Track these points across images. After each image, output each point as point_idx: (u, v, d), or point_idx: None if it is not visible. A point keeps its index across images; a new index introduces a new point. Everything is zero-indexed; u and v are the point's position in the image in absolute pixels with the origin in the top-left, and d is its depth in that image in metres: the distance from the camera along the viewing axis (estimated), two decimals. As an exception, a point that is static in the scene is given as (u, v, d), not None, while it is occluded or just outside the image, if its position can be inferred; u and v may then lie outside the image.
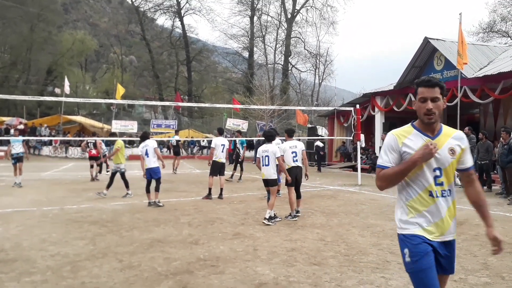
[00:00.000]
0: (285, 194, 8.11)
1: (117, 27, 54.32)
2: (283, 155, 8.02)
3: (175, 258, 5.30)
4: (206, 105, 27.82)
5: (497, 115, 18.57)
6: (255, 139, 19.24)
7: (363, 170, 16.44)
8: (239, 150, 15.27)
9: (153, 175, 9.52)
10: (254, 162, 13.32)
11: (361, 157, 17.14)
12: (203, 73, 51.47)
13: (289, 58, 47.90)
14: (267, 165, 7.63)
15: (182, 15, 48.60)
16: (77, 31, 52.29)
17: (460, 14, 14.55)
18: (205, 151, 31.81)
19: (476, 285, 4.36)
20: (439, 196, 2.47)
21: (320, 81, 48.46)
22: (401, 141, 2.51)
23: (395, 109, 19.57)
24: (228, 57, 51.57)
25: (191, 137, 32.32)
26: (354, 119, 14.96)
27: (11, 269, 4.82)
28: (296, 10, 47.55)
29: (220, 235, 6.50)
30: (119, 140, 11.02)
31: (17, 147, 13.05)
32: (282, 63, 48.07)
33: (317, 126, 27.79)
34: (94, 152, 15.04)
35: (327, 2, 46.38)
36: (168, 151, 30.54)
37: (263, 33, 48.12)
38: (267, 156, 7.65)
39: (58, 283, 4.39)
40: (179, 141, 20.01)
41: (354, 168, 18.68)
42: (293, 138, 8.53)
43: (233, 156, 16.01)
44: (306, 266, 4.99)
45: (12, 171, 13.19)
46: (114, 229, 6.95)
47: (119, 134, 27.22)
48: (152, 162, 9.52)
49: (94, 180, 14.69)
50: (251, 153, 23.17)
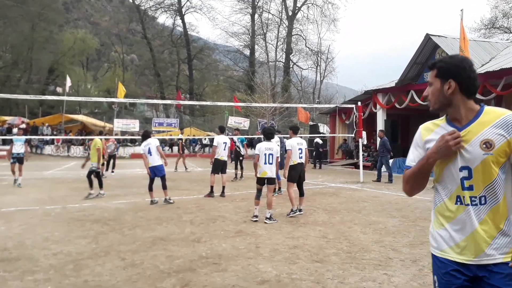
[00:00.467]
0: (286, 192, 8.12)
1: (118, 26, 54.33)
2: (291, 150, 8.00)
3: (178, 256, 5.30)
4: (208, 103, 27.87)
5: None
6: (256, 137, 19.22)
7: (365, 168, 16.42)
8: (239, 149, 15.28)
9: (158, 173, 9.52)
10: None
11: (363, 154, 17.13)
12: (204, 71, 51.50)
13: (290, 56, 47.92)
14: (271, 164, 7.53)
15: (183, 13, 48.68)
16: (78, 30, 52.27)
17: (462, 11, 14.52)
18: (207, 149, 31.84)
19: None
20: (469, 204, 1.90)
21: (322, 79, 48.51)
22: (425, 136, 2.06)
23: (397, 106, 19.54)
24: (229, 55, 51.63)
25: (193, 135, 32.34)
26: (356, 116, 14.97)
27: (14, 268, 4.83)
28: (297, 8, 47.53)
29: (222, 233, 6.50)
30: (97, 139, 10.77)
31: (19, 147, 12.82)
32: (283, 61, 48.10)
33: (319, 124, 27.78)
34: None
35: (328, 0, 46.40)
36: (170, 149, 30.63)
37: (264, 31, 48.15)
38: (271, 155, 7.55)
39: (61, 282, 4.40)
40: (181, 139, 20.05)
41: (356, 166, 18.69)
42: (297, 136, 8.51)
43: (232, 155, 15.95)
44: (308, 264, 4.99)
45: (10, 170, 12.84)
46: (117, 228, 6.96)
47: (121, 133, 27.55)
48: (156, 160, 9.53)
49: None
50: (253, 151, 23.15)
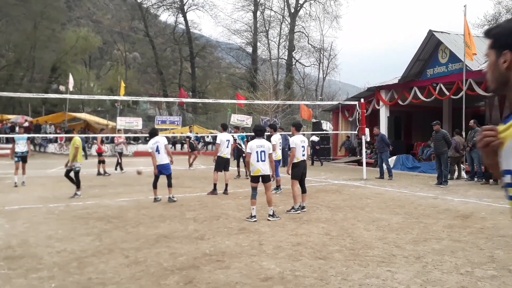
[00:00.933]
0: (288, 189, 8.12)
1: (120, 24, 54.28)
2: (295, 148, 8.04)
3: (181, 254, 5.31)
4: (210, 101, 27.75)
5: (503, 108, 18.42)
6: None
7: (368, 165, 16.39)
8: (241, 146, 15.26)
9: (165, 171, 9.59)
10: None
11: (366, 151, 17.09)
12: (207, 69, 51.46)
13: (293, 53, 47.82)
14: (264, 161, 7.44)
15: (185, 11, 48.60)
16: (81, 28, 52.30)
17: (465, 6, 14.48)
18: (210, 147, 31.84)
19: (483, 278, 4.35)
20: None
21: (324, 76, 48.40)
22: None
23: (400, 103, 19.47)
24: (232, 53, 51.55)
25: (196, 133, 32.35)
26: (359, 113, 14.91)
27: (19, 266, 4.85)
28: (300, 5, 47.38)
29: (226, 230, 6.51)
30: (77, 138, 10.52)
31: (22, 145, 12.57)
32: (286, 58, 48.04)
33: (322, 121, 27.73)
34: (104, 149, 15.29)
35: (331, -4, 46.27)
36: (173, 147, 30.65)
37: (267, 28, 48.06)
38: (263, 152, 7.44)
39: (65, 279, 4.41)
40: (189, 137, 20.06)
41: (359, 163, 18.65)
42: (300, 133, 8.51)
43: (234, 153, 15.90)
44: (312, 261, 4.99)
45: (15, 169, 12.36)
46: (120, 225, 6.98)
47: (124, 131, 27.59)
48: (164, 159, 9.59)
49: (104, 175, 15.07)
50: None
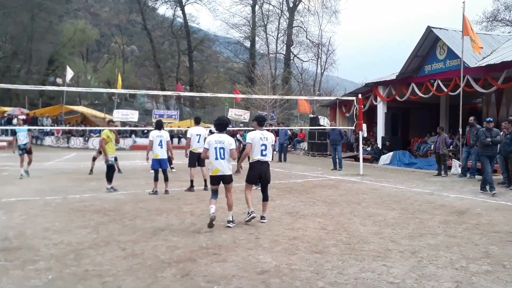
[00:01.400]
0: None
1: (118, 17, 53.94)
2: (251, 144, 6.85)
3: (178, 247, 5.33)
4: (208, 95, 27.65)
5: (500, 105, 18.50)
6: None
7: (365, 160, 16.43)
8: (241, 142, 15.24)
9: (163, 165, 9.75)
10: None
11: (363, 147, 17.13)
12: (205, 63, 51.32)
13: (291, 48, 47.74)
14: (223, 159, 6.51)
15: (184, 4, 48.40)
16: (78, 21, 51.87)
17: (464, 3, 14.46)
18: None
19: (477, 273, 4.39)
20: None
21: (322, 71, 48.33)
22: None
23: (398, 99, 19.52)
24: (230, 47, 51.42)
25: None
26: (356, 109, 14.94)
27: (15, 257, 4.86)
28: (298, -1, 47.25)
29: (222, 224, 6.52)
30: (105, 130, 10.11)
31: (23, 138, 12.50)
32: (284, 53, 47.94)
33: (319, 116, 27.72)
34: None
35: (330, -9, 46.13)
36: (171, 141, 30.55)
37: (265, 22, 47.92)
38: (222, 148, 6.50)
39: (62, 271, 4.43)
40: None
41: (356, 158, 18.69)
42: (263, 128, 7.10)
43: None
44: (308, 254, 5.02)
45: (19, 162, 12.37)
46: (117, 218, 6.99)
47: (121, 124, 27.50)
48: (165, 153, 9.78)
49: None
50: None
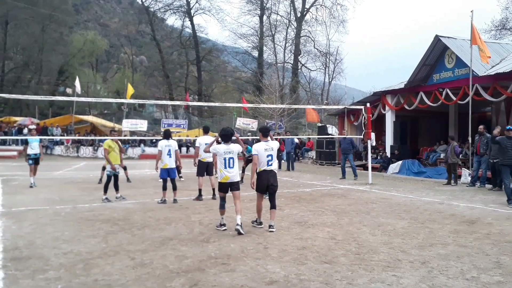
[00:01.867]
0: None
1: (127, 27, 54.58)
2: (257, 156, 7.00)
3: (187, 256, 5.33)
4: (216, 104, 27.89)
5: (510, 113, 18.31)
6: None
7: (374, 169, 16.35)
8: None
9: (172, 175, 9.79)
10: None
11: (372, 156, 17.06)
12: (213, 73, 51.58)
13: (299, 57, 47.81)
14: (232, 167, 6.88)
15: (192, 15, 48.78)
16: (88, 32, 52.68)
17: (472, 12, 14.44)
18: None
19: (489, 284, 4.33)
20: None
21: (330, 80, 48.33)
22: None
23: (406, 108, 19.42)
24: (238, 57, 51.62)
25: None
26: (365, 118, 14.90)
27: (25, 267, 4.89)
28: (306, 9, 47.44)
29: (231, 233, 6.51)
30: (107, 140, 10.09)
31: (35, 147, 12.54)
32: (292, 62, 48.04)
33: (327, 125, 27.69)
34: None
35: (337, 1, 46.28)
36: (179, 150, 30.66)
37: (273, 32, 48.09)
38: (232, 158, 6.89)
39: (71, 281, 4.44)
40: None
41: (365, 167, 18.60)
42: (268, 139, 7.19)
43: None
44: (317, 265, 4.99)
45: (28, 172, 12.53)
46: (126, 227, 7.01)
47: (130, 133, 27.71)
48: (173, 162, 9.81)
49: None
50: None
